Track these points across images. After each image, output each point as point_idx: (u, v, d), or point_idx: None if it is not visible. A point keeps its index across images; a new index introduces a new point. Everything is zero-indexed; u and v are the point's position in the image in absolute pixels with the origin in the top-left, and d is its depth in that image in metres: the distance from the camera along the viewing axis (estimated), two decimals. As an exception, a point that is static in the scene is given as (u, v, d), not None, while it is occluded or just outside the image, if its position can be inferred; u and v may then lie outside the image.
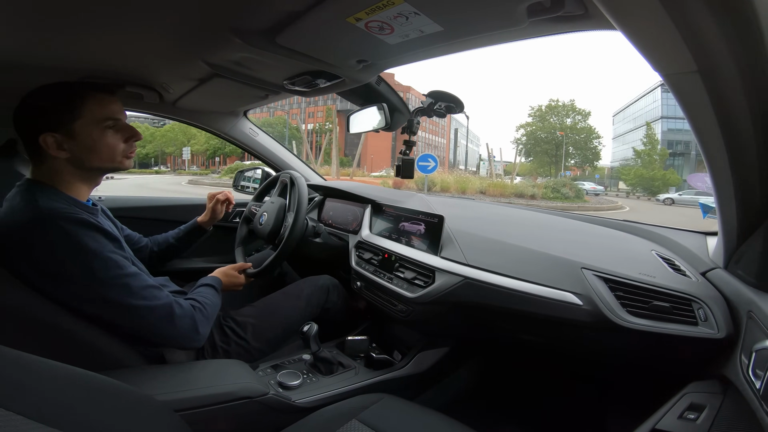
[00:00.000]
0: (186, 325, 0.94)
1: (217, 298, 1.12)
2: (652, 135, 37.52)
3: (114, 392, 0.62)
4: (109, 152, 0.95)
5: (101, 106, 0.93)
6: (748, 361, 0.69)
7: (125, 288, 0.86)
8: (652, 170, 34.00)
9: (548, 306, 0.99)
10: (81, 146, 0.91)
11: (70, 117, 0.89)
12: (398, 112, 1.34)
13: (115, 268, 0.85)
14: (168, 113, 1.74)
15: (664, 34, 0.55)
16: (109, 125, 0.94)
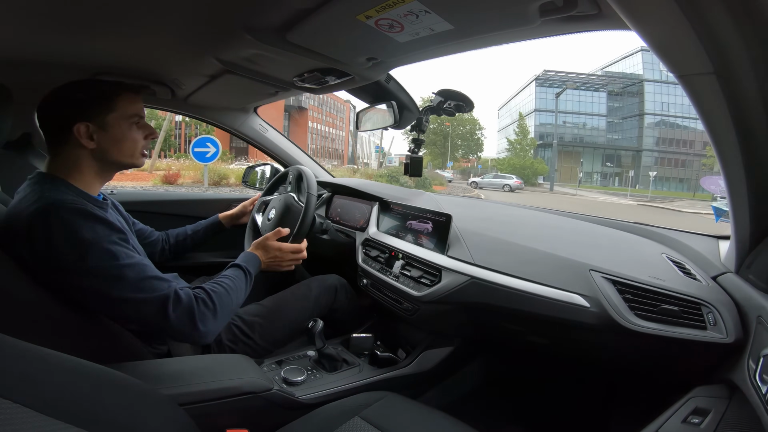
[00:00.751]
0: (182, 319, 0.88)
1: (240, 282, 1.06)
2: (523, 125, 39.31)
3: (119, 385, 0.63)
4: (132, 147, 0.99)
5: (132, 103, 0.98)
6: (755, 366, 0.68)
7: (118, 279, 0.84)
8: (523, 159, 36.18)
9: (555, 307, 0.99)
10: (110, 138, 0.95)
11: (105, 109, 0.94)
12: (407, 110, 1.33)
13: (109, 259, 0.83)
14: (180, 109, 1.77)
15: (679, 35, 0.54)
16: (135, 121, 0.99)
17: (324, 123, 59.24)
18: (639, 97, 42.68)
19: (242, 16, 0.83)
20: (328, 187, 1.93)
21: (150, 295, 0.86)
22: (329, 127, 63.73)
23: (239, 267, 1.11)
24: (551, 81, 44.70)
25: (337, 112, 64.95)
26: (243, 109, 1.87)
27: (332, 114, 63.44)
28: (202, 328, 0.90)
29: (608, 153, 46.46)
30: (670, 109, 41.68)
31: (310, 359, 1.22)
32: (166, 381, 0.85)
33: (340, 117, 65.76)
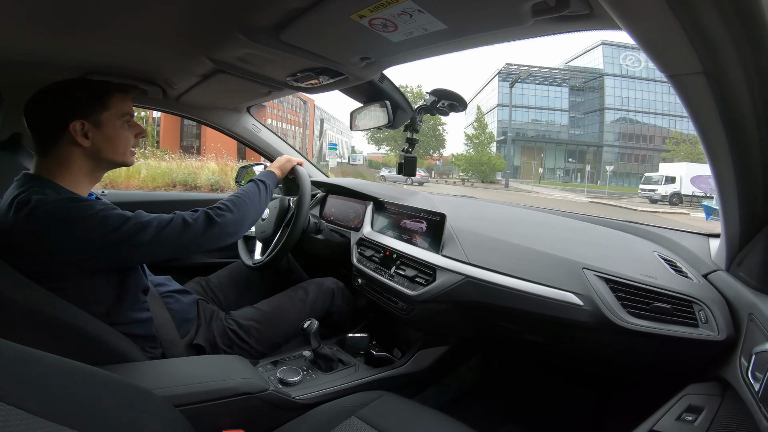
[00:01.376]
0: (201, 222, 1.01)
1: (252, 188, 1.20)
2: (481, 119, 38.17)
3: (114, 387, 0.62)
4: (124, 145, 1.01)
5: (124, 102, 1.00)
6: (747, 363, 0.69)
7: (143, 227, 0.92)
8: (481, 155, 35.05)
9: (549, 306, 0.99)
10: (104, 136, 0.96)
11: (100, 108, 0.95)
12: (401, 109, 1.34)
13: (123, 217, 0.91)
14: (171, 109, 1.76)
15: (670, 35, 0.54)
16: (126, 120, 1.01)
17: (285, 120, 58.74)
18: (600, 92, 42.43)
19: (235, 16, 0.83)
20: (322, 187, 1.92)
21: (169, 219, 0.97)
22: (291, 125, 62.67)
23: (252, 180, 1.25)
24: (514, 75, 43.87)
25: (300, 110, 63.41)
26: (236, 109, 1.86)
27: (295, 111, 62.41)
28: (220, 219, 1.04)
29: (570, 149, 46.03)
30: (630, 104, 41.54)
31: (305, 359, 1.22)
32: (161, 382, 0.85)
33: (304, 115, 64.53)
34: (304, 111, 61.57)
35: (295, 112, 61.07)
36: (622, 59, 40.92)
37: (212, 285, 1.46)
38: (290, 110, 60.42)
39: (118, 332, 0.93)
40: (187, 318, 1.17)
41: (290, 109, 60.31)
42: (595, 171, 40.76)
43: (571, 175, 45.75)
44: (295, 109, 61.57)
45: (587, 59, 44.12)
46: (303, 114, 60.14)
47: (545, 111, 46.11)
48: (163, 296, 1.14)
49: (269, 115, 52.75)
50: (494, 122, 43.70)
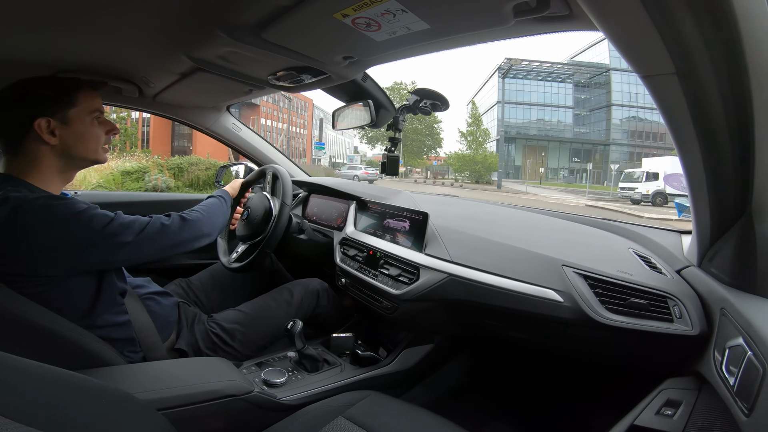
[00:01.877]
0: (176, 221, 1.04)
1: (210, 202, 1.24)
2: (476, 115, 37.22)
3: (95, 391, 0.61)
4: (95, 143, 0.99)
5: (92, 98, 0.98)
6: (721, 357, 0.71)
7: (126, 227, 0.93)
8: (474, 154, 33.95)
9: (531, 303, 1.01)
10: (72, 133, 0.94)
11: (67, 104, 0.94)
12: (384, 108, 1.34)
13: (105, 218, 0.90)
14: (147, 107, 1.71)
15: (644, 37, 0.56)
16: (96, 116, 0.99)
17: (280, 120, 55.69)
18: (606, 88, 39.24)
19: (217, 14, 0.81)
20: (305, 186, 1.91)
21: (147, 221, 0.98)
22: (288, 125, 58.41)
23: (212, 196, 1.29)
24: (515, 71, 41.96)
25: (299, 110, 61.46)
26: (215, 108, 1.82)
27: (291, 111, 58.59)
28: (191, 217, 1.08)
29: (575, 147, 43.30)
30: (639, 100, 38.45)
31: (290, 360, 1.21)
32: (143, 386, 0.83)
33: (301, 114, 62.39)
34: (303, 110, 59.55)
35: (291, 112, 57.69)
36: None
37: (194, 287, 1.43)
38: (287, 110, 55.99)
39: (95, 336, 0.91)
40: (169, 321, 1.15)
41: (287, 108, 55.51)
42: (601, 171, 38.95)
43: (575, 176, 42.76)
44: (293, 109, 58.21)
45: (592, 54, 41.57)
46: (301, 113, 57.94)
47: (549, 109, 43.16)
48: (143, 298, 1.11)
49: (262, 115, 50.50)
50: (494, 120, 41.48)
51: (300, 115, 62.03)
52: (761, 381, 0.55)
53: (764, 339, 0.59)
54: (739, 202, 0.74)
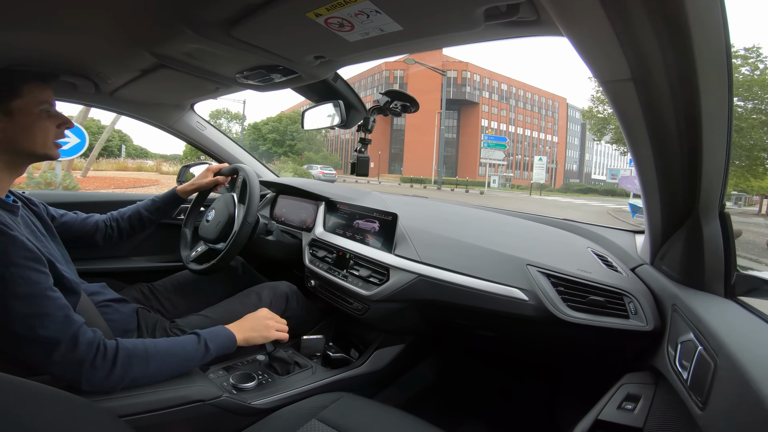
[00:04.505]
0: (66, 368, 0.76)
1: (181, 348, 0.91)
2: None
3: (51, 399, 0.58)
4: (43, 137, 0.93)
5: (40, 90, 0.93)
6: (674, 352, 0.74)
7: (2, 311, 0.72)
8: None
9: (497, 301, 1.04)
10: (17, 126, 0.89)
11: (10, 95, 0.88)
12: (354, 109, 1.34)
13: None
14: (104, 104, 1.62)
15: (605, 43, 0.59)
16: (45, 109, 0.93)
17: (514, 122, 48.72)
18: None
19: (183, 9, 0.78)
20: (272, 187, 1.88)
21: (37, 334, 0.73)
22: (527, 128, 50.70)
23: (196, 334, 0.96)
24: None
25: (543, 110, 51.04)
26: (179, 106, 1.76)
27: (529, 111, 49.62)
28: (85, 385, 0.77)
29: None
30: None
31: (260, 364, 1.18)
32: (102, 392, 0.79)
33: (548, 116, 51.29)
34: (548, 111, 50.49)
35: (530, 113, 49.99)
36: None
37: (156, 291, 1.37)
38: (524, 110, 49.34)
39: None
40: (128, 329, 1.10)
41: (522, 108, 49.26)
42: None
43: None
44: (533, 109, 50.05)
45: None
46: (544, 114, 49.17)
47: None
48: (99, 306, 1.05)
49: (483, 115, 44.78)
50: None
51: (546, 117, 53.63)
52: (713, 375, 0.58)
53: (713, 334, 0.62)
54: (687, 203, 0.78)
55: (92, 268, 1.54)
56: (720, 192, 0.75)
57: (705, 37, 0.55)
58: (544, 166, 30.67)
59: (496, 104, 50.72)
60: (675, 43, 0.55)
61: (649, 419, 0.76)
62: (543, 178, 31.09)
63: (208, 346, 0.95)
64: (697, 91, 0.61)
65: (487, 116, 49.61)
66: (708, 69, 0.59)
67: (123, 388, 0.81)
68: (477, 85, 50.01)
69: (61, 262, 0.91)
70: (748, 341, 0.60)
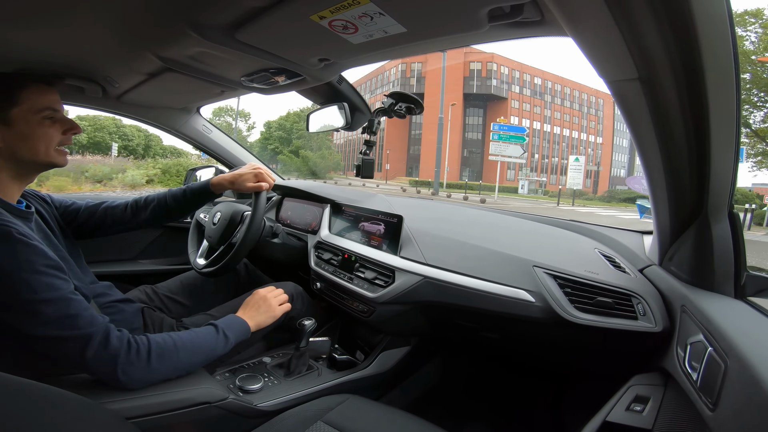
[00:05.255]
0: (101, 362, 0.78)
1: (203, 340, 0.94)
2: None
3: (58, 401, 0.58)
4: (45, 143, 0.89)
5: (41, 96, 0.89)
6: (684, 353, 0.74)
7: (33, 315, 0.74)
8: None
9: (504, 303, 1.03)
10: (17, 135, 0.86)
11: (8, 103, 0.85)
12: (359, 111, 1.34)
13: (26, 292, 0.74)
14: (112, 108, 1.64)
15: (610, 43, 0.58)
16: (47, 116, 0.89)
17: (550, 121, 42.69)
18: None
19: (188, 13, 0.79)
20: (278, 190, 1.88)
21: (69, 333, 0.76)
22: (565, 127, 43.89)
23: (213, 325, 1.00)
24: None
25: (583, 107, 43.59)
26: (185, 109, 1.77)
27: (568, 109, 42.83)
28: (123, 377, 0.79)
29: None
30: None
31: (266, 366, 1.19)
32: (111, 395, 0.79)
33: (591, 115, 43.82)
34: (590, 108, 43.00)
35: (567, 109, 43.05)
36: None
37: (160, 293, 1.38)
38: (561, 107, 42.32)
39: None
40: (133, 328, 1.10)
41: (560, 104, 42.05)
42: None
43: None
44: (573, 106, 42.90)
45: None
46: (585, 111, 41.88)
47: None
48: (104, 307, 1.06)
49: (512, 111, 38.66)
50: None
51: (588, 115, 46.06)
52: (723, 376, 0.57)
53: (723, 334, 0.62)
54: (696, 203, 0.77)
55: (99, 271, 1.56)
56: (729, 192, 0.74)
57: (711, 36, 0.54)
58: (582, 168, 24.94)
59: (528, 100, 44.59)
60: (681, 43, 0.55)
61: (658, 421, 0.75)
62: (580, 183, 25.87)
63: (227, 334, 0.98)
64: (704, 90, 0.60)
65: (517, 113, 43.71)
66: (715, 68, 0.58)
67: (161, 379, 0.86)
68: (505, 78, 44.95)
69: (73, 266, 0.93)
70: (759, 342, 0.59)
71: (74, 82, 1.29)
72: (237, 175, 1.26)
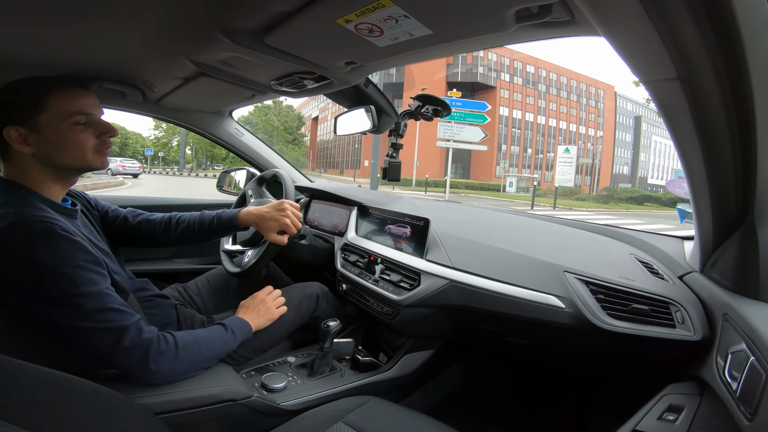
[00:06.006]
0: (134, 354, 0.81)
1: (215, 334, 1.00)
2: None
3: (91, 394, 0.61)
4: (78, 149, 0.89)
5: (71, 100, 0.88)
6: (724, 363, 0.70)
7: (72, 308, 0.78)
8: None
9: (531, 309, 1.01)
10: (46, 141, 0.86)
11: (35, 110, 0.85)
12: (385, 114, 1.34)
13: (67, 286, 0.77)
14: (151, 112, 1.72)
15: (646, 42, 0.56)
16: (79, 120, 0.89)
17: (545, 112, 39.43)
18: None
19: (218, 18, 0.82)
20: (306, 192, 1.91)
21: (106, 325, 0.80)
22: (562, 119, 39.86)
23: (221, 324, 1.05)
24: None
25: (582, 98, 39.59)
26: (218, 113, 1.84)
27: (565, 100, 38.95)
28: (154, 367, 0.83)
29: None
30: None
31: (290, 365, 1.20)
32: (141, 390, 0.82)
33: (591, 107, 39.96)
34: (589, 99, 39.19)
35: (563, 100, 38.79)
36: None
37: (190, 291, 1.43)
38: (557, 97, 38.36)
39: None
40: (167, 323, 1.15)
41: (555, 95, 38.05)
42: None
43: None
44: (568, 96, 38.95)
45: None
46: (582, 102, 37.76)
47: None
48: (143, 300, 1.11)
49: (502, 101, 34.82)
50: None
51: (588, 107, 42.29)
52: (764, 386, 0.55)
53: (767, 344, 0.59)
54: (741, 208, 0.74)
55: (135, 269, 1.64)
56: None
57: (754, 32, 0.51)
58: (573, 161, 20.51)
59: (519, 89, 41.39)
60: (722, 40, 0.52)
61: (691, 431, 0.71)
62: (571, 178, 21.37)
63: (234, 331, 1.04)
64: (749, 89, 0.57)
65: (507, 103, 40.15)
66: (760, 66, 0.55)
67: (186, 372, 0.90)
68: (493, 65, 41.83)
69: (114, 262, 0.98)
70: None
71: (116, 87, 1.37)
72: (261, 216, 1.23)
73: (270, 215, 1.22)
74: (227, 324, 1.05)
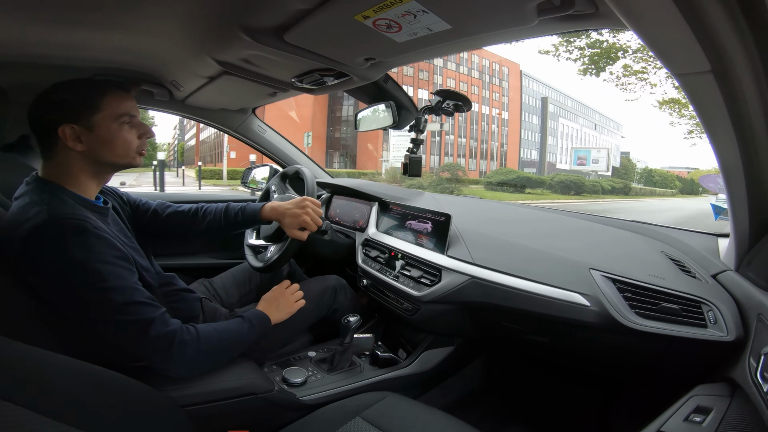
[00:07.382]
0: (159, 343, 0.85)
1: (235, 326, 1.02)
2: None
3: (120, 387, 0.63)
4: (124, 147, 0.96)
5: (120, 102, 0.95)
6: (756, 364, 0.68)
7: (100, 302, 0.82)
8: None
9: (555, 306, 0.99)
10: (98, 139, 0.92)
11: (90, 110, 0.90)
12: (405, 110, 1.34)
13: (96, 281, 0.81)
14: (178, 110, 1.76)
15: (676, 34, 0.54)
16: (125, 121, 0.95)
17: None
18: None
19: (239, 17, 0.83)
20: (327, 188, 1.93)
21: (133, 318, 0.83)
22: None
23: (240, 316, 1.08)
24: None
25: (484, 75, 36.06)
26: (241, 110, 1.87)
27: (465, 76, 34.73)
28: (177, 357, 0.86)
29: None
30: None
31: (311, 360, 1.22)
32: (167, 383, 0.85)
33: (495, 85, 37.02)
34: (497, 78, 36.16)
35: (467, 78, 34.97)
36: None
37: (215, 285, 1.46)
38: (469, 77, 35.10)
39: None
40: (192, 316, 1.18)
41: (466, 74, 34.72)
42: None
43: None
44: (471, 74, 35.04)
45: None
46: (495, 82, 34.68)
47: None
48: (169, 294, 1.14)
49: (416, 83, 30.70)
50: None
51: (491, 86, 38.36)
52: None
53: None
54: None
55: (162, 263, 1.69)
56: None
57: None
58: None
59: (411, 63, 35.24)
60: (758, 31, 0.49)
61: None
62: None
63: (253, 323, 1.06)
64: None
65: (396, 78, 32.08)
66: None
67: (207, 362, 0.93)
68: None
69: (142, 257, 1.02)
70: None
71: (145, 86, 1.41)
72: (283, 212, 1.26)
73: (291, 212, 1.25)
74: (246, 316, 1.07)
